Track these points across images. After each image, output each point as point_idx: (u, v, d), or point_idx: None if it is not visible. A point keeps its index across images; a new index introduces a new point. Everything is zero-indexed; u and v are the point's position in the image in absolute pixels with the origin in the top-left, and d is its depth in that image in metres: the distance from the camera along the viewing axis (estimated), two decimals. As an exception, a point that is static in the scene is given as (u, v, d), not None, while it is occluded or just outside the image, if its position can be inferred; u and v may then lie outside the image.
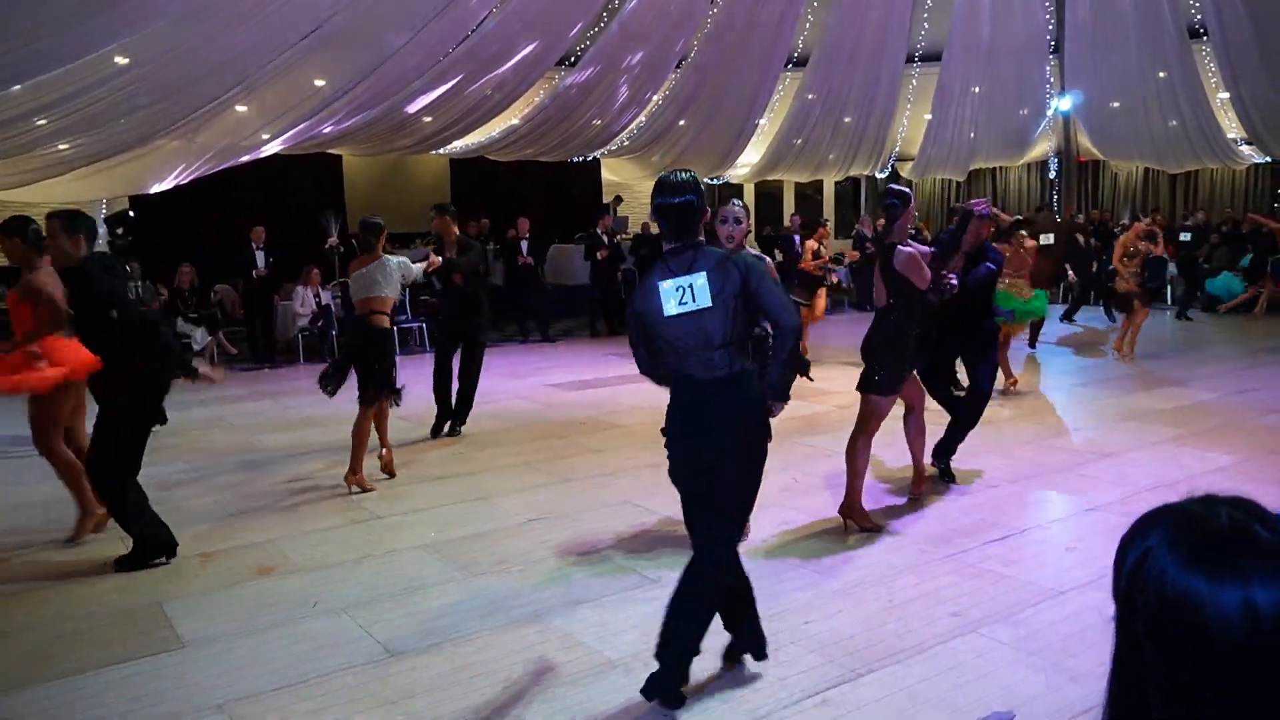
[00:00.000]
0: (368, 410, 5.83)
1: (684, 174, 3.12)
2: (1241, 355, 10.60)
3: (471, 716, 3.12)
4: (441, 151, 14.89)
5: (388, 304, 5.91)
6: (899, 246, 4.79)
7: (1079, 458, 6.30)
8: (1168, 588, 0.87)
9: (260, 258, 11.80)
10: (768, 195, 21.55)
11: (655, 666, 3.13)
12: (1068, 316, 13.55)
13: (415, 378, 8.17)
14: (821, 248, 10.71)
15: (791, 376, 3.26)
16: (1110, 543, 3.66)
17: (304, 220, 13.71)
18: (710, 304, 3.00)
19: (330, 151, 13.87)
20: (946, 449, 5.83)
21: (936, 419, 5.92)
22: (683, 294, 3.02)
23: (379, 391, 5.83)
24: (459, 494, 5.79)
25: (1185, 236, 15.03)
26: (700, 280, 3.01)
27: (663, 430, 3.18)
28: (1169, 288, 15.09)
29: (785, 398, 3.22)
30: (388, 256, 6.02)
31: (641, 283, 3.11)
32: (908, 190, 4.93)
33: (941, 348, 5.81)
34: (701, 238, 3.12)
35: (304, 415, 8.46)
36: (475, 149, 15.03)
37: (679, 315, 3.03)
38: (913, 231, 5.28)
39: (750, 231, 4.52)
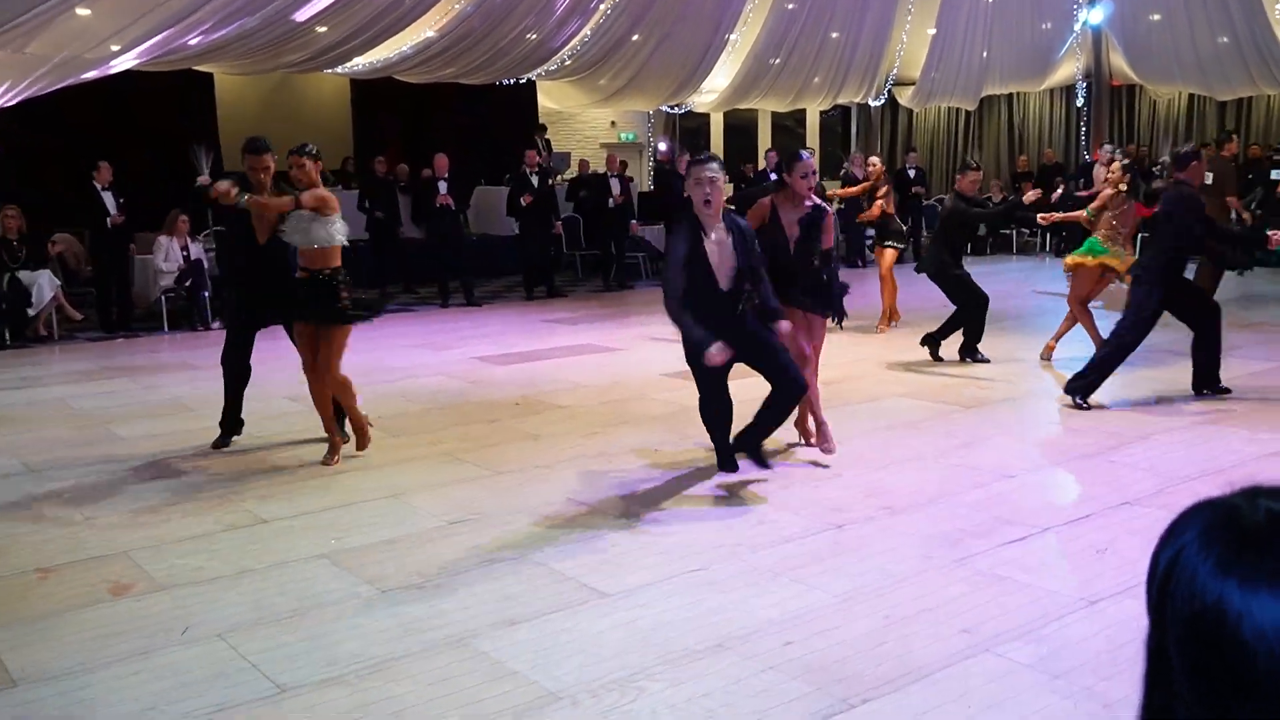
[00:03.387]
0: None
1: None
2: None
3: (380, 765, 3.08)
4: (340, 70, 14.62)
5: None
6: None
7: (1109, 441, 6.40)
8: (1197, 595, 0.87)
9: (109, 200, 11.49)
10: (739, 129, 21.54)
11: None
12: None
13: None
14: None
15: None
16: (1148, 543, 3.70)
17: (167, 154, 13.37)
18: None
19: (199, 69, 13.52)
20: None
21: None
22: None
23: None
24: (364, 492, 5.72)
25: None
26: None
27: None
28: None
29: None
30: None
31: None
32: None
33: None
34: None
35: (170, 398, 8.30)
36: (382, 68, 14.77)
37: None
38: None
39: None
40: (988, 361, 8.70)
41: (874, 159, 11.55)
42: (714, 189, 5.23)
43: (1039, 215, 9.26)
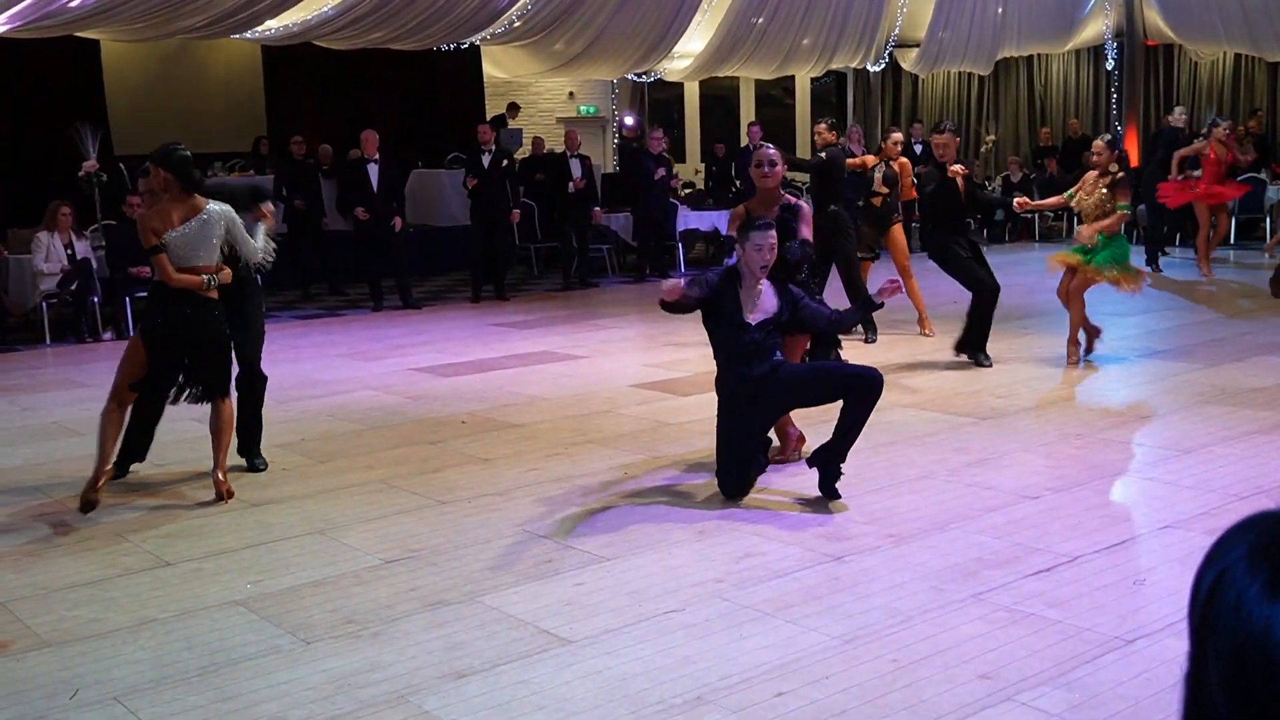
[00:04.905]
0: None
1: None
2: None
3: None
4: (249, 36, 14.56)
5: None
6: None
7: (1148, 455, 6.48)
8: (1243, 621, 0.89)
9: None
10: (718, 99, 21.65)
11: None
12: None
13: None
14: (885, 170, 10.48)
15: None
16: (1193, 572, 3.77)
17: (47, 136, 13.29)
18: None
19: (83, 36, 13.44)
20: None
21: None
22: None
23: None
24: (285, 527, 5.71)
25: None
26: None
27: None
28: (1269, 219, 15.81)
29: None
30: (210, 205, 6.16)
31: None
32: None
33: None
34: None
35: (52, 420, 8.25)
36: (299, 32, 14.72)
37: None
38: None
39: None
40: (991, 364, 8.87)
41: (896, 135, 11.26)
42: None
43: (1015, 201, 9.39)
